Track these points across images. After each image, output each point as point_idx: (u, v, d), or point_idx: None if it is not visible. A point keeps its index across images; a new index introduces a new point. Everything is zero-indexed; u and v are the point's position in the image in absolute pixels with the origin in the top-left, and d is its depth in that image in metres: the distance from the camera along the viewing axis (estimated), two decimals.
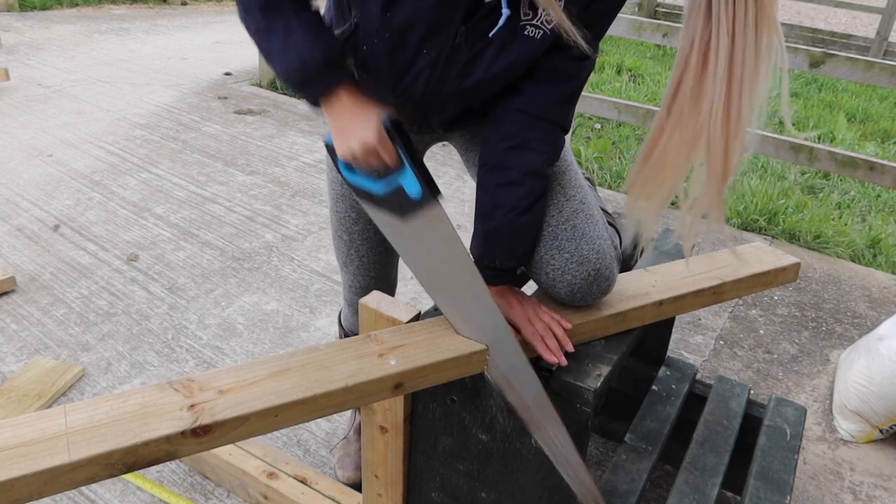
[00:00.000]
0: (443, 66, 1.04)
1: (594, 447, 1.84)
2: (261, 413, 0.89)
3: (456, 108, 1.13)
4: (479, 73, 1.04)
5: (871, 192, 3.82)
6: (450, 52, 1.02)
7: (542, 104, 1.07)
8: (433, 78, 1.05)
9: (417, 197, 0.97)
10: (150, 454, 0.83)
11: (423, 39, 1.01)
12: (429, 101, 1.09)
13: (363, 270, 1.45)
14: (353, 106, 0.99)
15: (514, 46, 1.01)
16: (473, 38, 1.01)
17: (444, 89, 1.07)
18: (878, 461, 1.89)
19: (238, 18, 1.04)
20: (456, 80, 1.05)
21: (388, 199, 1.00)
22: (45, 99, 4.33)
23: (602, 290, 1.14)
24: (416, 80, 1.06)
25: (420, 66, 1.04)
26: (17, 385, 1.89)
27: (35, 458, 0.78)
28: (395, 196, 0.99)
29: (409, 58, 1.04)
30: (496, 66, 1.03)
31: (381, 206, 1.03)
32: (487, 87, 1.07)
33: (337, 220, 1.41)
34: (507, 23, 0.98)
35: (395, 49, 1.03)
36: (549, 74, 1.06)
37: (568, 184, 1.15)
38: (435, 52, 1.02)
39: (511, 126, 1.08)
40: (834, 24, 10.30)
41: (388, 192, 0.99)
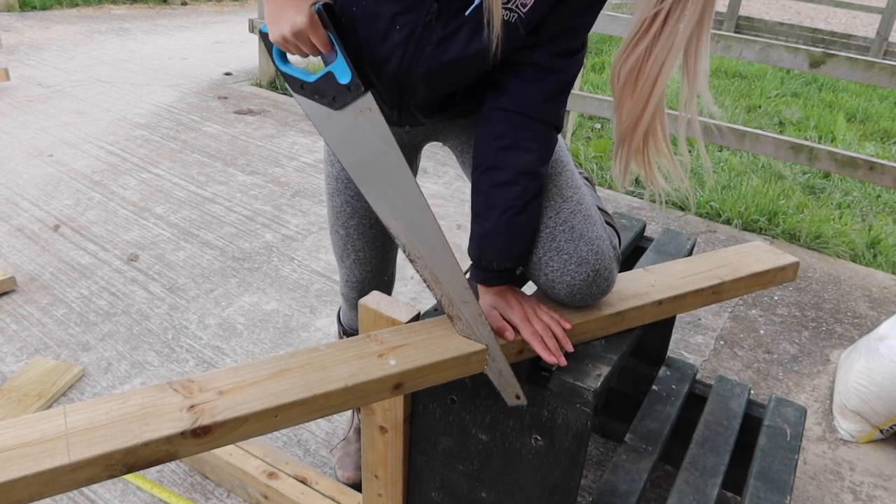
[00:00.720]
0: (415, 43, 1.03)
1: (594, 447, 1.84)
2: (260, 414, 0.89)
3: (430, 89, 1.11)
4: (452, 53, 1.03)
5: (871, 192, 3.82)
6: (423, 30, 1.02)
7: (531, 102, 1.06)
8: (406, 54, 1.05)
9: (347, 82, 0.96)
10: (151, 455, 0.83)
11: (395, 14, 1.01)
12: (402, 80, 1.09)
13: (359, 265, 1.46)
14: None
15: (487, 29, 1.00)
16: (447, 17, 1.00)
17: (416, 67, 1.06)
18: (879, 461, 1.89)
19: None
20: (429, 60, 1.04)
21: (319, 87, 0.99)
22: (46, 99, 4.33)
23: (601, 290, 1.14)
24: (390, 57, 1.06)
25: (393, 42, 1.04)
26: (17, 385, 1.90)
27: (35, 458, 0.78)
28: (326, 83, 0.98)
29: (383, 32, 1.04)
30: (470, 48, 1.02)
31: (313, 96, 1.01)
32: (461, 71, 1.06)
33: (333, 214, 1.41)
34: (482, 4, 0.98)
35: (368, 21, 1.03)
36: (535, 71, 1.05)
37: (565, 184, 1.15)
38: (408, 29, 1.02)
39: (501, 126, 1.07)
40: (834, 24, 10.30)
41: (319, 79, 0.99)
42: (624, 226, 1.67)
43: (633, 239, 1.64)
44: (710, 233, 3.20)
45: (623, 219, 1.70)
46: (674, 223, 3.26)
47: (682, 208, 3.41)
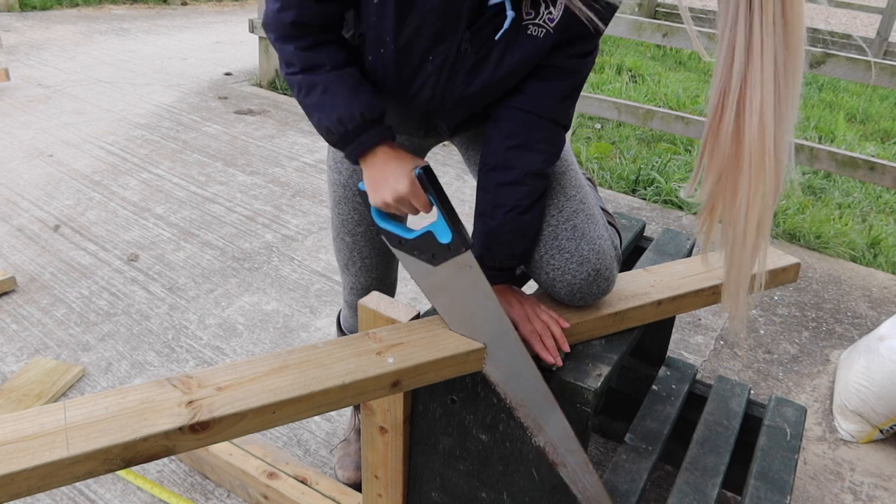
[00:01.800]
0: (448, 73, 1.04)
1: (594, 447, 1.83)
2: (258, 410, 0.89)
3: (463, 112, 1.13)
4: (484, 76, 1.04)
5: (871, 192, 3.81)
6: (455, 59, 1.02)
7: (545, 102, 1.07)
8: (439, 85, 1.05)
9: (448, 242, 0.98)
10: (149, 450, 0.83)
11: (429, 47, 1.01)
12: (436, 107, 1.10)
13: (365, 272, 1.45)
14: (387, 159, 1.01)
15: (517, 47, 1.00)
16: (478, 42, 1.00)
17: (450, 96, 1.07)
18: (879, 461, 1.88)
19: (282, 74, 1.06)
20: (462, 85, 1.05)
21: (419, 245, 1.02)
22: (46, 99, 4.33)
23: (602, 290, 1.14)
24: (422, 88, 1.07)
25: (426, 73, 1.04)
26: (17, 385, 1.89)
27: (34, 452, 0.78)
28: (425, 241, 1.01)
29: (416, 66, 1.04)
30: (501, 68, 1.03)
31: (412, 252, 1.04)
32: (493, 89, 1.07)
33: (340, 222, 1.40)
34: (511, 24, 0.98)
35: (401, 58, 1.03)
36: (550, 72, 1.06)
37: (568, 184, 1.15)
38: (441, 59, 1.02)
39: (513, 125, 1.08)
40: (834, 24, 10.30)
41: (419, 237, 1.01)
42: (624, 226, 1.67)
43: (632, 239, 1.64)
44: None
45: (623, 219, 1.70)
46: (674, 223, 3.25)
47: (681, 208, 3.41)
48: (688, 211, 3.38)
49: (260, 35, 4.85)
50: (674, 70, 6.33)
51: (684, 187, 0.97)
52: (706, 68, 6.46)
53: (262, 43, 4.91)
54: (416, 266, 1.05)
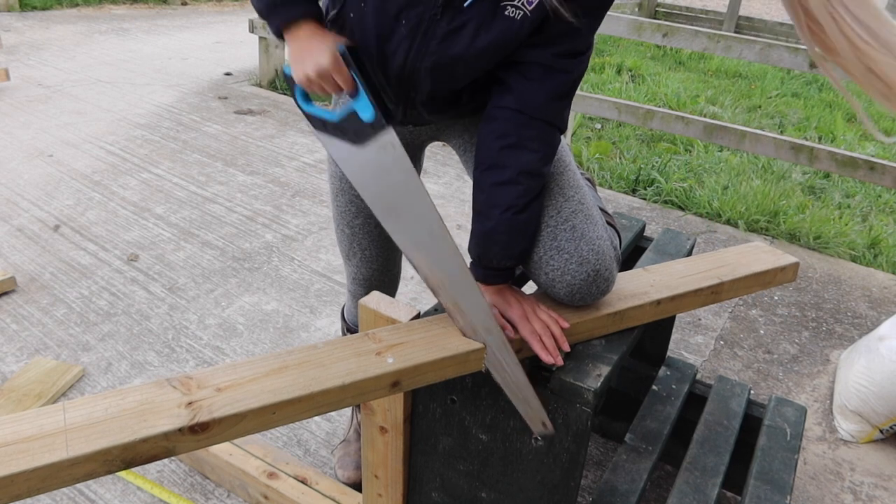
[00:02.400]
0: (420, 38, 1.04)
1: (594, 447, 1.83)
2: (258, 411, 0.89)
3: (435, 84, 1.11)
4: (457, 48, 1.03)
5: (871, 192, 3.81)
6: (428, 24, 1.02)
7: (536, 102, 1.06)
8: (411, 49, 1.05)
9: (370, 120, 0.97)
10: (148, 451, 0.83)
11: (400, 9, 1.02)
12: (408, 75, 1.09)
13: (366, 263, 1.47)
14: (311, 35, 1.02)
15: (493, 25, 1.00)
16: (452, 12, 1.01)
17: (422, 62, 1.06)
18: (879, 461, 1.88)
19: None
20: (434, 54, 1.05)
21: (342, 125, 1.01)
22: (46, 99, 4.33)
23: (601, 290, 1.14)
24: (395, 51, 1.07)
25: (399, 35, 1.05)
26: (17, 385, 1.89)
27: (34, 454, 0.78)
28: (349, 121, 1.00)
29: (389, 27, 1.04)
30: (476, 44, 1.02)
31: (336, 134, 1.03)
32: (467, 67, 1.06)
33: (338, 213, 1.42)
34: (488, 2, 0.98)
35: (375, 17, 1.04)
36: (541, 71, 1.05)
37: (566, 184, 1.15)
38: (413, 23, 1.02)
39: (505, 125, 1.07)
40: None
41: (342, 117, 1.00)
42: (624, 226, 1.67)
43: (632, 239, 1.64)
44: (710, 233, 3.19)
45: (623, 219, 1.70)
46: (674, 223, 3.25)
47: (681, 208, 3.41)
48: (688, 211, 3.39)
49: (260, 35, 4.85)
50: (674, 70, 6.33)
51: None
52: (706, 68, 6.46)
53: (262, 43, 4.91)
54: (340, 149, 1.04)
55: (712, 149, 4.22)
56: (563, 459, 1.12)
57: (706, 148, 4.25)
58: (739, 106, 5.30)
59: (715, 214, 3.35)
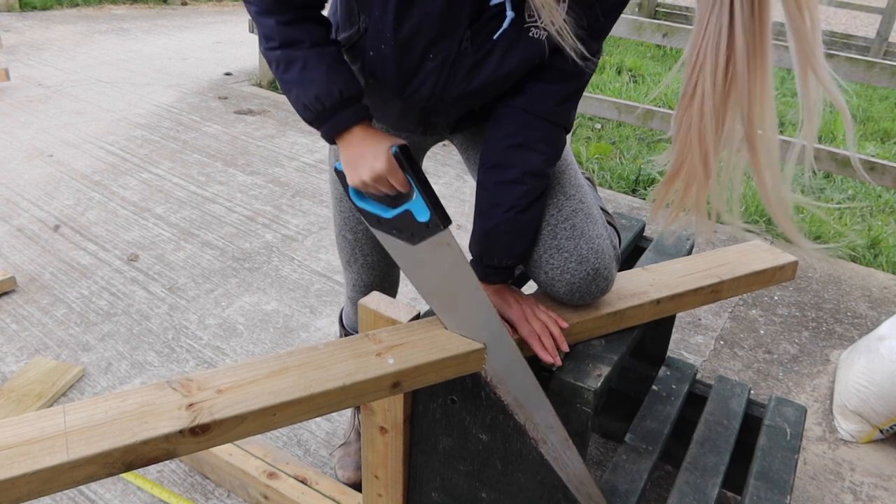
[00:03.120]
0: (448, 70, 1.04)
1: (594, 447, 1.83)
2: (258, 412, 0.89)
3: (461, 110, 1.13)
4: (484, 76, 1.04)
5: (871, 192, 3.81)
6: (455, 57, 1.02)
7: (545, 103, 1.07)
8: (439, 82, 1.05)
9: (426, 220, 0.98)
10: (149, 453, 0.83)
11: (429, 45, 1.01)
12: (434, 104, 1.10)
13: (367, 269, 1.46)
14: (363, 139, 1.01)
15: (518, 48, 1.00)
16: (479, 42, 1.00)
17: (449, 93, 1.07)
18: (879, 461, 1.89)
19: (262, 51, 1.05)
20: (461, 84, 1.05)
21: (397, 224, 1.02)
22: (46, 99, 4.33)
23: (601, 289, 1.14)
24: (422, 85, 1.06)
25: (426, 70, 1.04)
26: (17, 385, 1.89)
27: (34, 457, 0.78)
28: (404, 220, 1.00)
29: (416, 63, 1.04)
30: (502, 68, 1.03)
31: (390, 231, 1.04)
32: (493, 89, 1.07)
33: (341, 219, 1.41)
34: (512, 25, 0.98)
35: (401, 55, 1.03)
36: (551, 73, 1.06)
37: (567, 183, 1.15)
38: (441, 57, 1.02)
39: (513, 125, 1.08)
40: (834, 24, 10.30)
41: (397, 216, 1.01)
42: (624, 226, 1.67)
43: (632, 239, 1.64)
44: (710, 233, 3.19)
45: (623, 219, 1.70)
46: None
47: None
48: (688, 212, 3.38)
49: None
50: None
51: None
52: None
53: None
54: (395, 245, 1.05)
55: None
56: None
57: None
58: None
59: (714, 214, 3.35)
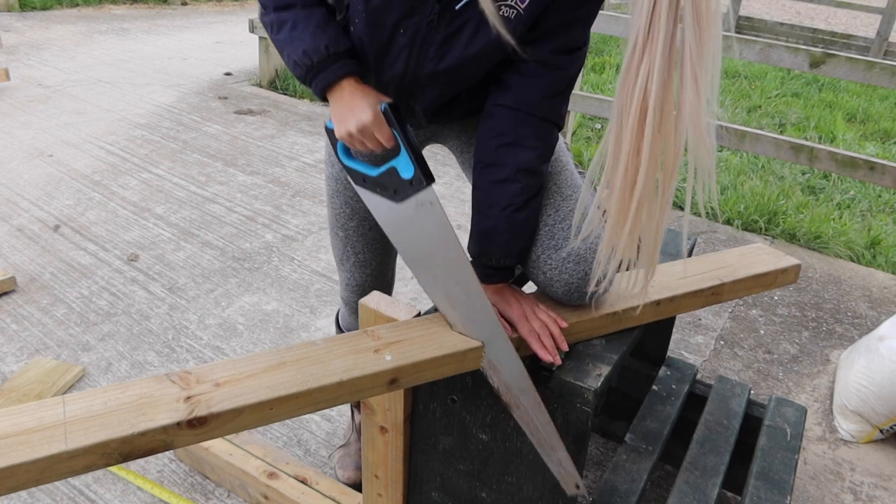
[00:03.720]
0: (419, 47, 1.04)
1: (594, 447, 1.83)
2: (256, 406, 0.89)
3: (435, 92, 1.12)
4: (455, 53, 1.04)
5: (871, 192, 3.81)
6: (426, 32, 1.03)
7: (533, 99, 1.07)
8: (411, 59, 1.06)
9: (410, 177, 0.99)
10: (147, 444, 0.84)
11: (398, 19, 1.02)
12: (409, 84, 1.09)
13: (359, 268, 1.45)
14: (353, 92, 1.04)
15: (489, 25, 1.00)
16: (449, 16, 1.01)
17: (421, 71, 1.07)
18: (879, 461, 1.88)
19: (258, 18, 1.09)
20: (433, 61, 1.05)
21: (382, 181, 1.03)
22: (46, 99, 4.33)
23: (600, 289, 1.14)
24: (395, 62, 1.07)
25: (398, 46, 1.05)
26: (17, 385, 1.89)
27: (33, 446, 0.79)
28: (389, 177, 1.01)
29: (387, 38, 1.05)
30: (473, 46, 1.03)
31: (375, 189, 1.05)
32: (466, 70, 1.07)
33: (333, 216, 1.41)
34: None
35: (373, 29, 1.05)
36: (538, 68, 1.05)
37: (564, 183, 1.15)
38: (411, 32, 1.03)
39: (502, 123, 1.08)
40: (834, 24, 10.31)
41: (382, 173, 1.02)
42: None
43: None
44: (711, 233, 3.19)
45: None
46: (674, 223, 3.25)
47: (681, 208, 3.40)
48: None
49: (260, 35, 4.85)
50: None
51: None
52: None
53: (263, 43, 4.91)
54: (379, 204, 1.06)
55: None
56: None
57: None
58: (739, 106, 5.29)
59: (714, 214, 3.35)
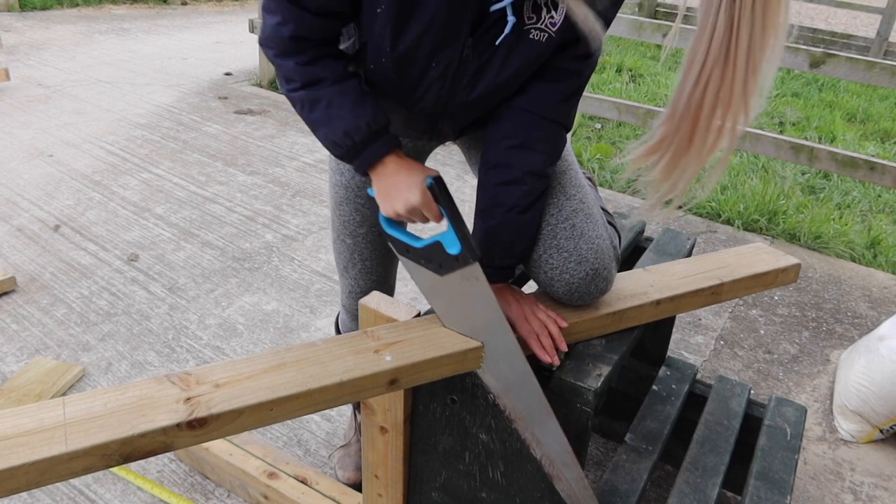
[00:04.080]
0: (451, 78, 1.03)
1: (594, 447, 1.83)
2: (255, 407, 0.89)
3: (468, 116, 1.13)
4: (487, 81, 1.04)
5: (871, 192, 3.81)
6: (458, 65, 1.02)
7: (545, 103, 1.07)
8: (443, 90, 1.05)
9: (456, 253, 0.98)
10: (147, 445, 0.84)
11: (431, 54, 1.01)
12: (440, 112, 1.10)
13: (365, 274, 1.44)
14: (397, 170, 1.02)
15: (519, 51, 1.00)
16: (481, 48, 1.00)
17: (454, 101, 1.07)
18: (879, 461, 1.88)
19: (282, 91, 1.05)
20: (465, 91, 1.05)
21: (426, 254, 1.02)
22: (46, 99, 4.33)
23: (600, 289, 1.14)
24: (426, 94, 1.06)
25: (429, 79, 1.04)
26: (17, 385, 1.89)
27: (33, 447, 0.79)
28: (433, 251, 1.00)
29: (418, 73, 1.04)
30: (504, 73, 1.02)
31: (419, 260, 1.04)
32: (497, 94, 1.07)
33: (341, 223, 1.39)
34: (512, 29, 0.98)
35: (403, 67, 1.03)
36: (551, 73, 1.06)
37: (568, 183, 1.15)
38: (443, 66, 1.02)
39: (514, 125, 1.08)
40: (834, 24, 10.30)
41: (427, 246, 1.01)
42: (624, 226, 1.66)
43: (632, 239, 1.64)
44: (711, 233, 3.19)
45: (623, 219, 1.70)
46: (674, 223, 3.25)
47: (681, 208, 3.40)
48: (688, 212, 3.38)
49: None
50: (674, 70, 6.32)
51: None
52: None
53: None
54: (421, 275, 1.05)
55: None
56: None
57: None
58: None
59: (715, 214, 3.35)
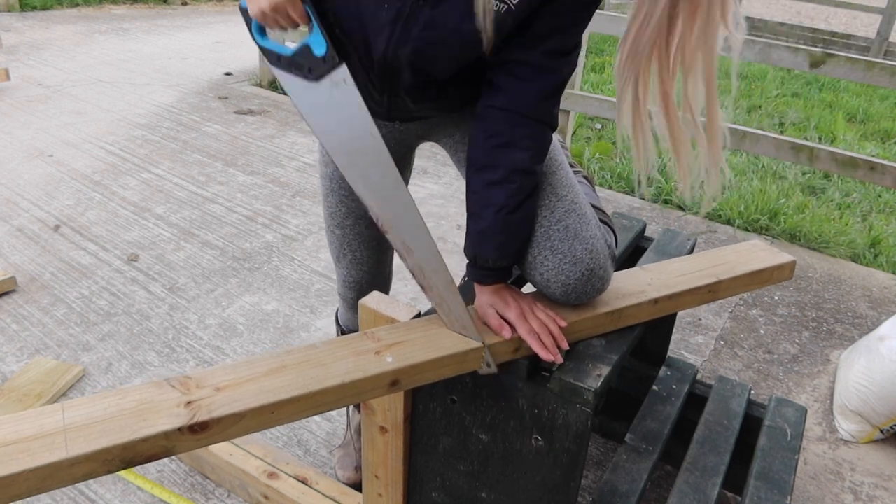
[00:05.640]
0: (403, 23, 1.03)
1: (594, 447, 1.83)
2: (257, 410, 0.89)
3: (417, 71, 1.10)
4: (438, 33, 1.03)
5: (871, 192, 3.81)
6: (410, 9, 1.02)
7: (526, 101, 1.06)
8: (394, 35, 1.05)
9: (323, 54, 0.99)
10: (148, 450, 0.83)
11: None
12: (391, 62, 1.08)
13: (356, 265, 1.46)
14: None
15: (474, 14, 0.99)
16: (433, 1, 1.00)
17: (404, 49, 1.06)
18: (879, 461, 1.88)
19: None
20: (416, 41, 1.04)
21: (296, 60, 1.02)
22: (46, 99, 4.33)
23: (597, 289, 1.14)
24: (377, 38, 1.06)
25: (381, 22, 1.04)
26: (17, 385, 1.89)
27: (33, 453, 0.78)
28: (303, 56, 1.01)
29: (370, 13, 1.04)
30: (458, 34, 1.01)
31: (290, 69, 1.04)
32: (448, 55, 1.06)
33: (329, 214, 1.41)
34: None
35: (357, 4, 1.04)
36: (530, 70, 1.05)
37: (559, 184, 1.15)
38: (395, 9, 1.02)
39: (496, 124, 1.07)
40: (834, 24, 10.31)
41: (296, 52, 1.02)
42: (624, 226, 1.67)
43: (633, 239, 1.64)
44: (711, 233, 3.19)
45: (623, 219, 1.70)
46: (674, 223, 3.25)
47: (681, 208, 3.40)
48: (688, 211, 3.38)
49: None
50: None
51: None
52: None
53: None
54: (295, 85, 1.05)
55: None
56: (564, 459, 1.11)
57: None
58: (739, 106, 5.29)
59: (715, 214, 3.35)
